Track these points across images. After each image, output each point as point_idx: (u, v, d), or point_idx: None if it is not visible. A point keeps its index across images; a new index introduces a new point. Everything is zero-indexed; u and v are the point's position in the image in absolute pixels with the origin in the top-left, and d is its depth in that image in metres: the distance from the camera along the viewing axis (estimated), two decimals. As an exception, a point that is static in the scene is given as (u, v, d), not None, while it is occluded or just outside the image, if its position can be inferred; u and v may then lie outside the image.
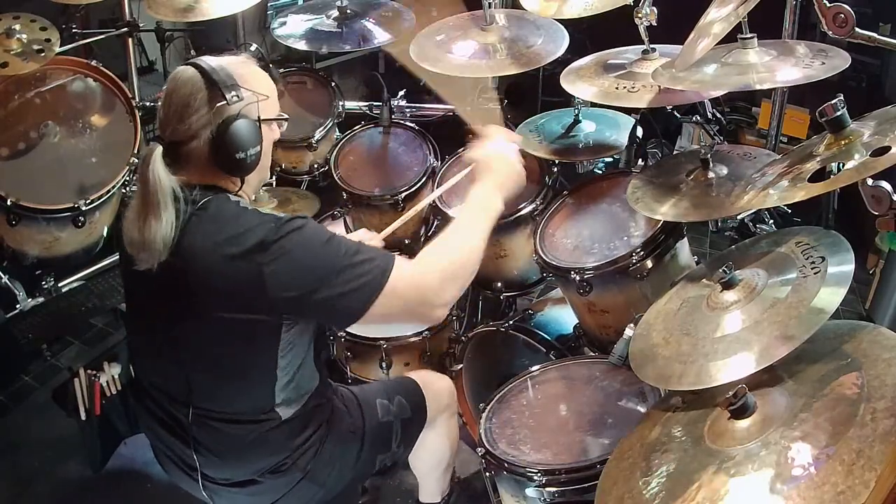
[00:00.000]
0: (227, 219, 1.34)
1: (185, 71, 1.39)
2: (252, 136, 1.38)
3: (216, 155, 1.37)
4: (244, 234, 1.30)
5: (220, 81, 1.36)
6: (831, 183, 1.20)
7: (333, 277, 1.31)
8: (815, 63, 1.48)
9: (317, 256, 1.31)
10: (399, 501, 2.25)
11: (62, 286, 2.84)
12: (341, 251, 1.33)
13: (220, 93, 1.35)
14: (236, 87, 1.37)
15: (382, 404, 1.71)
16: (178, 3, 2.53)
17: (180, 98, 1.36)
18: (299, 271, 1.30)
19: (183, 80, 1.38)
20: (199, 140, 1.36)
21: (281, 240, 1.30)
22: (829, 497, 0.93)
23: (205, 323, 1.36)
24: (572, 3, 2.06)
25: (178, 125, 1.36)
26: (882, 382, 1.04)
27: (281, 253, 1.29)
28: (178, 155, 1.37)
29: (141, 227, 1.31)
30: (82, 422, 2.32)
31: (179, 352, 1.41)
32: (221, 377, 1.42)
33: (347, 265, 1.32)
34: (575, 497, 1.54)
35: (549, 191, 2.27)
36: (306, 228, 1.34)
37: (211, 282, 1.31)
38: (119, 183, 2.60)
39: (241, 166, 1.39)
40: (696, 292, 1.43)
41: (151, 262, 1.32)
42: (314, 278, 1.30)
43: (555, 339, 2.12)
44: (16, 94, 2.53)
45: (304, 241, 1.32)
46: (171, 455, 1.55)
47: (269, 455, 1.48)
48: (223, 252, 1.30)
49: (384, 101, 2.64)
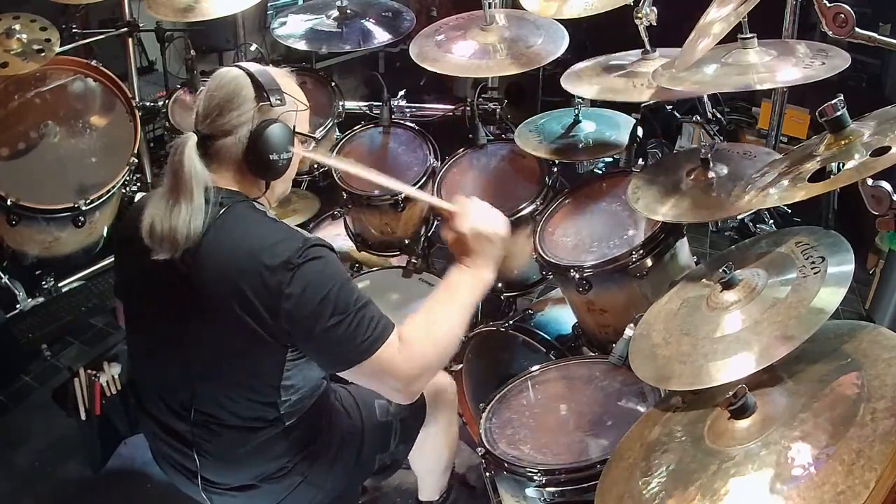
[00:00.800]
0: (254, 226, 1.35)
1: (231, 70, 1.42)
2: (286, 142, 1.41)
3: (250, 153, 1.38)
4: (271, 248, 1.31)
5: (265, 83, 1.39)
6: (831, 183, 1.20)
7: (342, 318, 1.31)
8: (815, 63, 1.48)
9: (333, 294, 1.31)
10: (399, 501, 2.25)
11: (62, 286, 2.84)
12: (354, 296, 1.33)
13: (264, 94, 1.38)
14: (280, 91, 1.40)
15: (381, 405, 1.71)
16: (178, 3, 2.53)
17: (225, 94, 1.38)
18: (313, 301, 1.30)
19: (228, 78, 1.40)
20: (235, 136, 1.38)
21: (305, 264, 1.30)
22: (829, 497, 0.93)
23: (215, 326, 1.35)
24: (572, 3, 2.06)
25: (218, 119, 1.38)
26: (882, 382, 1.04)
27: (302, 277, 1.29)
28: (209, 150, 1.38)
29: (168, 214, 1.30)
30: (82, 422, 2.31)
31: (186, 354, 1.40)
32: (227, 383, 1.41)
33: (358, 311, 1.32)
34: (575, 497, 1.54)
35: (549, 191, 2.27)
36: (330, 260, 1.34)
37: (229, 286, 1.30)
38: (119, 183, 2.60)
39: (272, 168, 1.40)
40: (696, 292, 1.43)
41: (172, 251, 1.31)
42: (325, 312, 1.30)
43: (555, 339, 2.12)
44: (16, 94, 2.53)
45: (327, 272, 1.32)
46: (171, 459, 1.54)
47: (271, 461, 1.48)
48: (247, 261, 1.30)
49: (384, 101, 2.64)
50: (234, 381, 1.40)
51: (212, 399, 1.42)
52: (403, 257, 2.52)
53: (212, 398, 1.42)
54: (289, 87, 1.46)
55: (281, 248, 1.30)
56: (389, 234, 2.48)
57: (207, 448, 1.46)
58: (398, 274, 2.45)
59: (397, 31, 2.68)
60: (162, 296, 1.40)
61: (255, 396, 1.41)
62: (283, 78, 1.47)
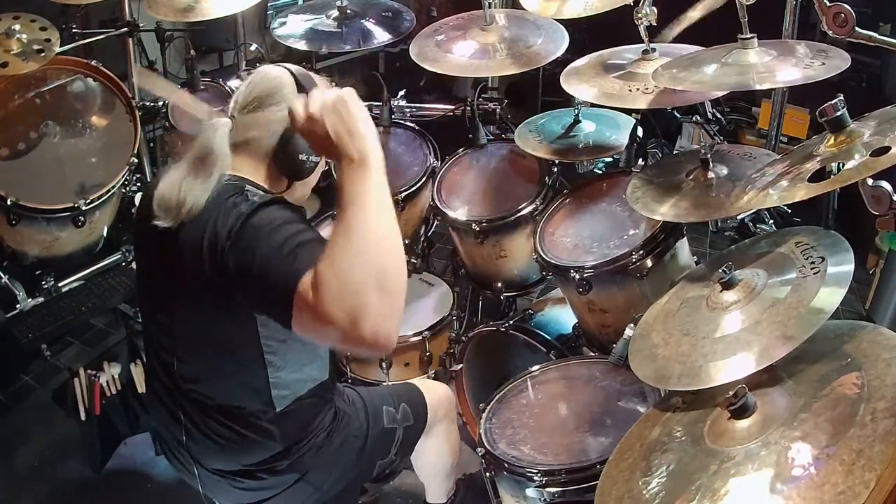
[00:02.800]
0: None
1: (276, 68, 1.43)
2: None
3: (280, 150, 1.38)
4: (234, 208, 1.29)
5: (307, 85, 1.39)
6: (831, 183, 1.20)
7: (276, 254, 1.19)
8: (815, 63, 1.48)
9: (266, 231, 1.23)
10: (399, 502, 2.25)
11: (62, 286, 2.84)
12: (294, 231, 1.23)
13: (305, 94, 1.33)
14: None
15: (388, 411, 1.71)
16: (178, 3, 2.53)
17: (266, 88, 1.39)
18: (255, 243, 1.23)
19: (273, 74, 1.42)
20: (267, 131, 1.38)
21: (252, 213, 1.26)
22: (829, 497, 0.93)
23: (190, 294, 1.36)
24: (572, 3, 2.07)
25: (256, 111, 1.39)
26: (882, 382, 1.04)
27: (246, 224, 1.25)
28: (239, 139, 1.38)
29: (179, 186, 1.31)
30: (82, 422, 2.32)
31: (172, 321, 1.42)
32: (210, 360, 1.41)
33: (287, 253, 1.19)
34: (575, 497, 1.54)
35: (549, 191, 2.27)
36: (279, 208, 1.30)
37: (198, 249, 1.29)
38: (119, 183, 2.60)
39: (299, 169, 1.41)
40: (696, 292, 1.43)
41: (175, 221, 1.32)
42: (264, 253, 1.20)
43: (555, 338, 2.12)
44: (16, 94, 2.53)
45: (271, 215, 1.27)
46: (169, 440, 1.55)
47: (263, 449, 1.47)
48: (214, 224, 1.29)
49: (384, 101, 2.64)
50: (214, 353, 1.40)
51: (197, 372, 1.43)
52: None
53: (196, 371, 1.43)
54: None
55: (239, 207, 1.28)
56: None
57: (198, 429, 1.46)
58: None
59: (397, 31, 2.68)
60: (158, 264, 1.41)
61: (239, 373, 1.41)
62: (323, 83, 1.46)
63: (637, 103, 1.82)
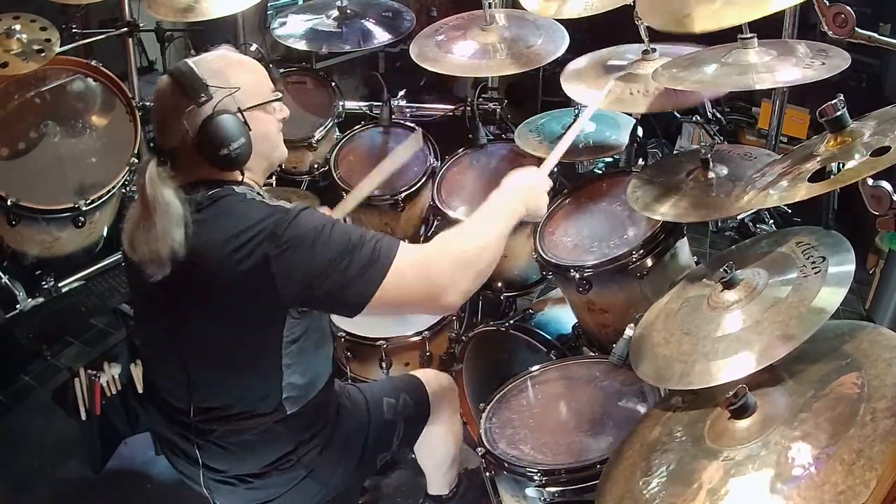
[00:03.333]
0: (236, 214, 1.35)
1: (161, 81, 1.42)
2: (234, 129, 1.37)
3: (205, 155, 1.37)
4: (253, 227, 1.31)
5: (187, 86, 1.36)
6: (831, 183, 1.20)
7: (340, 261, 1.30)
8: (816, 63, 1.48)
9: (324, 243, 1.30)
10: (399, 501, 2.25)
11: (62, 286, 2.84)
12: (346, 236, 1.32)
13: (187, 98, 1.36)
14: (204, 87, 1.36)
15: (389, 403, 1.72)
16: (178, 3, 2.53)
17: (158, 109, 1.41)
18: (307, 258, 1.29)
19: (159, 92, 1.41)
20: (185, 145, 1.37)
21: (289, 228, 1.30)
22: (829, 497, 0.93)
23: (213, 318, 1.37)
24: (572, 3, 2.06)
25: (163, 134, 1.40)
26: (882, 382, 1.04)
27: (289, 243, 1.29)
28: (174, 159, 1.38)
29: (146, 237, 1.32)
30: (82, 422, 2.32)
31: (184, 348, 1.42)
32: (225, 373, 1.42)
33: (354, 248, 1.31)
34: (575, 497, 1.54)
35: (549, 191, 2.26)
36: (311, 216, 1.34)
37: (222, 276, 1.31)
38: (119, 183, 2.60)
39: (229, 160, 1.38)
40: (697, 292, 1.43)
41: (162, 270, 1.32)
42: (322, 263, 1.29)
43: (555, 339, 2.12)
44: (16, 94, 2.53)
45: (308, 227, 1.31)
46: (175, 447, 1.55)
47: (272, 451, 1.48)
48: (233, 246, 1.30)
49: (384, 101, 2.64)
50: (234, 370, 1.41)
51: (212, 388, 1.43)
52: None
53: (212, 387, 1.43)
54: (224, 70, 1.41)
55: (260, 227, 1.30)
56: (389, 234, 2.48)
57: (210, 436, 1.47)
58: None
59: (397, 31, 2.68)
60: (160, 287, 1.40)
61: (255, 383, 1.42)
62: (218, 62, 1.42)
63: (637, 107, 1.82)
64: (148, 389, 1.60)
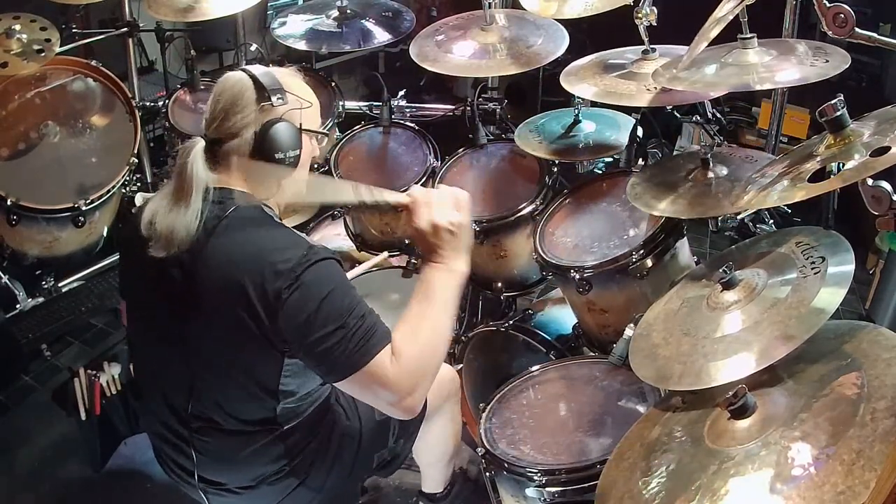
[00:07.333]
0: (258, 230, 1.36)
1: (234, 74, 1.44)
2: (292, 140, 1.41)
3: (257, 153, 1.39)
4: (275, 254, 1.31)
5: (266, 84, 1.40)
6: (831, 183, 1.20)
7: (335, 328, 1.29)
8: (816, 63, 1.48)
9: (328, 303, 1.30)
10: (399, 501, 2.25)
11: (62, 286, 2.84)
12: (352, 306, 1.32)
13: (266, 94, 1.39)
14: (282, 91, 1.41)
15: None
16: (178, 3, 2.53)
17: (228, 97, 1.40)
18: (308, 309, 1.29)
19: (232, 82, 1.42)
20: (241, 138, 1.39)
21: (305, 273, 1.30)
22: (829, 497, 0.93)
23: (215, 326, 1.35)
24: (572, 3, 2.07)
25: (224, 122, 1.40)
26: (882, 382, 1.04)
27: (301, 285, 1.29)
28: (218, 153, 1.40)
29: (167, 213, 1.33)
30: (82, 422, 2.32)
31: (185, 353, 1.40)
32: (225, 385, 1.41)
33: (354, 321, 1.30)
34: (575, 497, 1.54)
35: (549, 191, 2.27)
36: (331, 271, 1.34)
37: (232, 287, 1.31)
38: (119, 183, 2.60)
39: (280, 167, 1.40)
40: (697, 292, 1.43)
41: (166, 250, 1.33)
42: (318, 321, 1.29)
43: (555, 339, 2.12)
44: (16, 94, 2.53)
45: (325, 283, 1.31)
46: (171, 458, 1.54)
47: (269, 463, 1.48)
48: (251, 264, 1.30)
49: (384, 101, 2.63)
50: (232, 383, 1.40)
51: (210, 400, 1.42)
52: (404, 257, 2.52)
53: (210, 399, 1.42)
54: (294, 86, 1.46)
55: (285, 255, 1.31)
56: (389, 235, 2.48)
57: (205, 449, 1.46)
58: (398, 274, 2.45)
59: (397, 31, 2.68)
60: (163, 294, 1.40)
61: (252, 400, 1.41)
62: (288, 77, 1.47)
63: (638, 101, 1.82)
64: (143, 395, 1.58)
